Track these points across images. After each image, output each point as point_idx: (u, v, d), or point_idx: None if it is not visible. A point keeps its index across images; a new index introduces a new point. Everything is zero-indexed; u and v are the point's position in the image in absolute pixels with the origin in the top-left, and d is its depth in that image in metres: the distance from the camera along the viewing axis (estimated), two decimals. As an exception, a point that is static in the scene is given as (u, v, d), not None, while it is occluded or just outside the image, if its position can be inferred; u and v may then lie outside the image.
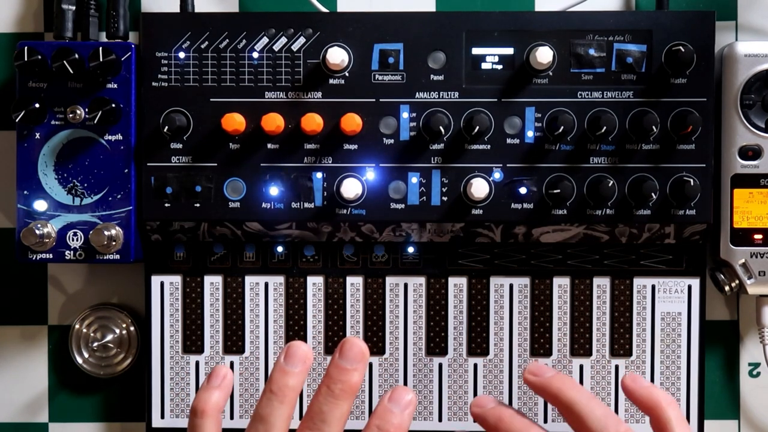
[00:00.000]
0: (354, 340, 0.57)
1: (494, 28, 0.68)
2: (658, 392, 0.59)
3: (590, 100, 0.68)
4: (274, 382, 0.56)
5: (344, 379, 0.56)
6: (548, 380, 0.60)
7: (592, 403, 0.58)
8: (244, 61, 0.69)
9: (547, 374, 0.60)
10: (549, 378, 0.60)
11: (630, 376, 0.61)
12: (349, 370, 0.56)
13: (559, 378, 0.60)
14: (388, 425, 0.56)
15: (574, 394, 0.58)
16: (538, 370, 0.61)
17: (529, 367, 0.61)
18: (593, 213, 0.69)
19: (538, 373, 0.61)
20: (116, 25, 0.71)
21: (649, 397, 0.59)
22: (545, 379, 0.60)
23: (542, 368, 0.61)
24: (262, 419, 0.56)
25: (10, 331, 0.75)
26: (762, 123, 0.69)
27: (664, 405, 0.58)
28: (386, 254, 0.71)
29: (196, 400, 0.59)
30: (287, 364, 0.57)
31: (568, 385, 0.59)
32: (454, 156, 0.69)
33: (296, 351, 0.57)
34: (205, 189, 0.69)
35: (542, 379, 0.60)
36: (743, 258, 0.69)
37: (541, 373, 0.61)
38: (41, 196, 0.70)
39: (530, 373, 0.61)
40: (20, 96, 0.69)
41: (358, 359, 0.56)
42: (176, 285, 0.72)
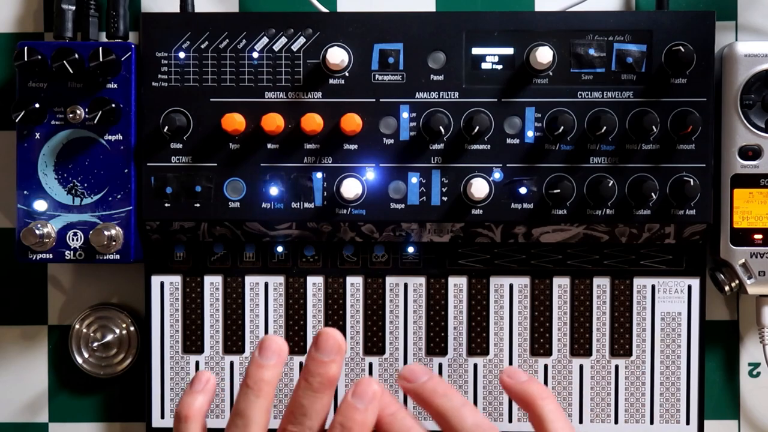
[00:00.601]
0: (329, 331, 0.56)
1: (494, 28, 0.68)
2: (533, 387, 0.58)
3: (590, 100, 0.68)
4: (250, 377, 0.56)
5: (322, 371, 0.55)
6: (420, 386, 0.57)
7: (464, 411, 0.56)
8: (244, 61, 0.69)
9: (421, 379, 0.58)
10: (421, 384, 0.57)
11: (507, 371, 0.60)
12: (326, 363, 0.55)
13: (432, 383, 0.57)
14: (351, 422, 0.55)
15: (444, 402, 0.56)
16: (412, 375, 0.58)
17: (403, 371, 0.58)
18: (593, 213, 0.69)
19: (411, 379, 0.58)
20: (116, 25, 0.71)
21: (524, 393, 0.58)
22: (417, 385, 0.57)
23: (416, 372, 0.58)
24: (240, 414, 0.56)
25: (10, 331, 0.75)
26: (762, 123, 0.69)
27: (539, 400, 0.58)
28: (386, 254, 0.71)
29: (180, 406, 0.59)
30: (262, 358, 0.57)
31: (439, 391, 0.57)
32: (454, 156, 0.69)
33: (270, 344, 0.57)
34: (205, 189, 0.69)
35: (414, 386, 0.58)
36: (743, 258, 0.69)
37: (414, 378, 0.58)
38: (41, 196, 0.70)
39: (403, 379, 0.58)
40: (20, 96, 0.69)
41: (335, 351, 0.56)
42: (176, 285, 0.72)
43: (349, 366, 0.71)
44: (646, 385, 0.71)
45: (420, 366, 0.59)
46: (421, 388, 0.57)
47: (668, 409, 0.71)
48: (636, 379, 0.71)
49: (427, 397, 0.57)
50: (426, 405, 0.57)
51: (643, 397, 0.71)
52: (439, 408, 0.56)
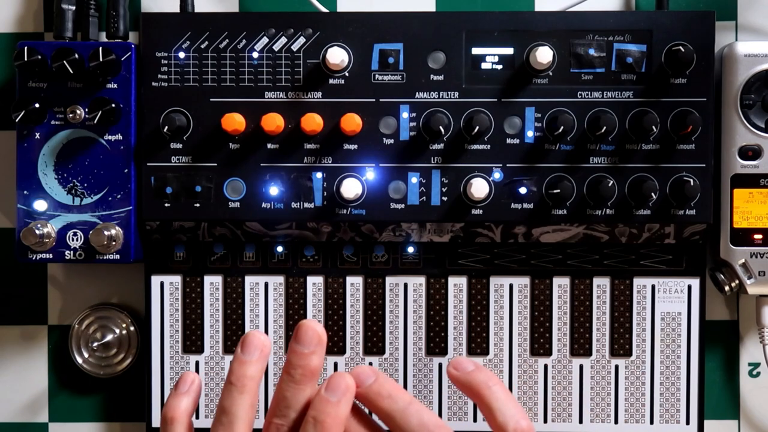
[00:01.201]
0: (309, 323, 0.56)
1: (494, 28, 0.68)
2: (478, 375, 0.58)
3: (590, 100, 0.68)
4: (233, 373, 0.56)
5: (303, 363, 0.55)
6: (365, 390, 0.57)
7: (408, 411, 0.56)
8: (244, 61, 0.69)
9: (366, 382, 0.57)
10: (366, 387, 0.57)
11: (453, 362, 0.59)
12: (307, 354, 0.56)
13: (376, 386, 0.57)
14: (324, 415, 0.54)
15: (389, 404, 0.56)
16: (357, 378, 0.57)
17: (354, 371, 0.57)
18: (593, 213, 0.69)
19: (360, 382, 0.57)
20: (116, 25, 0.71)
21: (470, 383, 0.58)
22: (362, 389, 0.57)
23: (360, 376, 0.57)
24: (225, 411, 0.56)
25: (10, 331, 0.75)
26: (762, 123, 0.69)
27: (485, 389, 0.57)
28: (386, 254, 0.71)
29: (165, 408, 0.59)
30: (244, 354, 0.57)
31: (383, 393, 0.56)
32: (454, 156, 0.69)
33: (252, 340, 0.57)
34: (205, 189, 0.69)
35: (362, 390, 0.57)
36: (743, 258, 0.69)
37: (359, 382, 0.57)
38: (41, 196, 0.70)
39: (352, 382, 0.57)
40: (20, 96, 0.69)
41: (315, 342, 0.56)
42: (176, 285, 0.72)
43: (349, 366, 0.71)
44: (646, 385, 0.71)
45: (365, 368, 0.58)
46: (366, 391, 0.57)
47: (668, 409, 0.71)
48: (636, 379, 0.71)
49: (372, 400, 0.57)
50: (372, 407, 0.57)
51: (643, 397, 0.71)
52: (385, 410, 0.56)
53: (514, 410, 0.57)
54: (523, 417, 0.56)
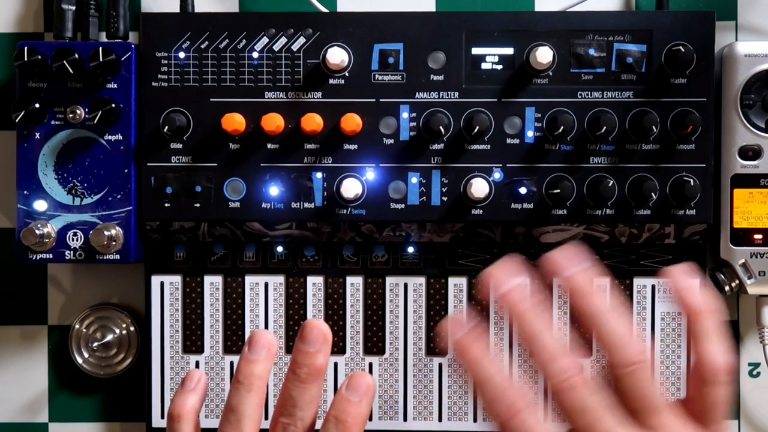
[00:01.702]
0: (314, 322, 0.56)
1: (494, 28, 0.68)
2: (698, 299, 0.53)
3: (590, 100, 0.68)
4: (240, 372, 0.57)
5: (308, 362, 0.55)
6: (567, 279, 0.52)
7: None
8: (244, 61, 0.69)
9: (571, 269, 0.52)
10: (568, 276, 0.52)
11: (675, 271, 0.53)
12: (313, 353, 0.55)
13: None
14: (345, 415, 0.54)
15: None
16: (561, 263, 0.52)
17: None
18: (593, 213, 0.69)
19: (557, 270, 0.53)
20: (116, 25, 0.71)
21: (688, 303, 0.53)
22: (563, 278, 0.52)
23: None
24: (233, 409, 0.56)
25: (10, 331, 0.75)
26: (762, 123, 0.69)
27: (702, 315, 0.53)
28: (386, 254, 0.71)
29: (172, 405, 0.59)
30: (251, 353, 0.57)
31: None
32: (454, 156, 0.69)
33: (259, 338, 0.57)
34: (205, 189, 0.69)
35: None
36: (743, 258, 0.69)
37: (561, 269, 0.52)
38: (41, 196, 0.70)
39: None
40: (20, 96, 0.69)
41: (321, 341, 0.56)
42: (176, 285, 0.72)
43: (349, 366, 0.71)
44: (646, 385, 0.71)
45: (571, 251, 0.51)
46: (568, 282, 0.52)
47: (668, 409, 0.71)
48: (636, 379, 0.71)
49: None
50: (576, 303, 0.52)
51: (643, 397, 0.71)
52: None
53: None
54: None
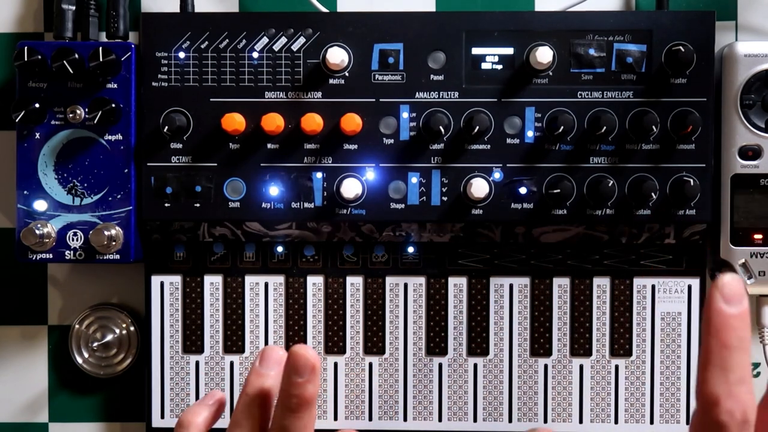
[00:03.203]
0: (301, 350, 0.54)
1: (494, 28, 0.68)
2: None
3: (590, 100, 0.68)
4: (250, 385, 0.56)
5: (298, 393, 0.54)
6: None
7: None
8: (244, 61, 0.69)
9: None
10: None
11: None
12: (301, 383, 0.54)
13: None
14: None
15: None
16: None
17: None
18: (593, 213, 0.69)
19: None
20: (116, 25, 0.71)
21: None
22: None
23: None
24: (239, 424, 0.56)
25: (10, 331, 0.75)
26: (762, 123, 0.69)
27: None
28: (386, 254, 0.71)
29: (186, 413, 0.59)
30: (262, 367, 0.57)
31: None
32: (454, 156, 0.69)
33: (271, 354, 0.57)
34: (205, 189, 0.69)
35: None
36: (743, 258, 0.69)
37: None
38: (41, 196, 0.70)
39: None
40: (20, 96, 0.69)
41: (309, 370, 0.54)
42: (176, 285, 0.72)
43: (349, 366, 0.71)
44: (646, 385, 0.71)
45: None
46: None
47: (668, 409, 0.71)
48: (636, 379, 0.71)
49: None
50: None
51: (643, 397, 0.71)
52: None
53: None
54: None
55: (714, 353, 0.45)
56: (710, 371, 0.45)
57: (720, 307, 0.46)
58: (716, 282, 0.47)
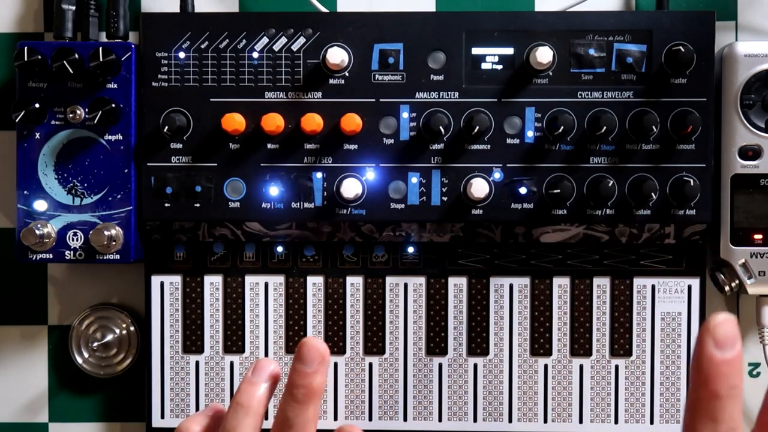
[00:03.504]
0: (311, 341, 0.55)
1: (494, 28, 0.68)
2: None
3: (590, 100, 0.68)
4: (242, 394, 0.56)
5: (305, 383, 0.54)
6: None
7: None
8: (244, 61, 0.69)
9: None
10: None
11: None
12: (310, 374, 0.54)
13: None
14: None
15: None
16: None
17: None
18: (593, 213, 0.69)
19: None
20: (116, 25, 0.71)
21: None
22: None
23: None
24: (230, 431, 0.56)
25: (10, 331, 0.75)
26: (762, 123, 0.69)
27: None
28: (386, 254, 0.71)
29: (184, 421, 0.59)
30: (254, 376, 0.57)
31: None
32: (454, 156, 0.69)
33: (264, 365, 0.57)
34: (205, 189, 0.69)
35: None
36: (743, 258, 0.69)
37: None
38: (41, 196, 0.70)
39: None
40: (20, 96, 0.69)
41: (318, 361, 0.54)
42: (176, 285, 0.72)
43: (349, 366, 0.71)
44: (646, 385, 0.71)
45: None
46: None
47: (668, 409, 0.71)
48: (636, 379, 0.71)
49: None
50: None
51: (643, 397, 0.71)
52: None
53: None
54: None
55: (703, 403, 0.43)
56: (699, 422, 0.43)
57: (711, 353, 0.42)
58: (707, 323, 0.43)
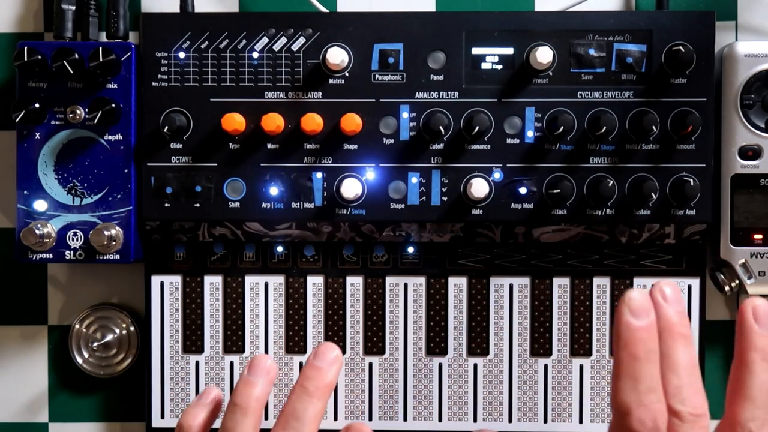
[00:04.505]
0: (330, 345, 0.56)
1: (494, 28, 0.68)
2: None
3: (590, 100, 0.68)
4: (239, 394, 0.56)
5: (318, 376, 0.55)
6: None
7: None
8: (244, 61, 0.69)
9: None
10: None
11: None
12: (324, 369, 0.55)
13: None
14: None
15: None
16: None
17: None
18: (593, 213, 0.69)
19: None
20: (116, 25, 0.71)
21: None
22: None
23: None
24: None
25: (10, 331, 0.75)
26: (762, 123, 0.69)
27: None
28: (386, 254, 0.71)
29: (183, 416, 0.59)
30: (251, 375, 0.57)
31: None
32: (454, 156, 0.69)
33: (259, 362, 0.57)
34: (205, 189, 0.69)
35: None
36: (743, 258, 0.69)
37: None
38: (41, 196, 0.70)
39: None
40: (20, 96, 0.69)
41: (333, 361, 0.56)
42: (176, 285, 0.72)
43: (349, 366, 0.71)
44: (646, 385, 0.71)
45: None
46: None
47: (668, 409, 0.71)
48: (636, 379, 0.71)
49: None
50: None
51: (643, 397, 0.71)
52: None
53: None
54: None
55: (624, 364, 0.48)
56: (621, 381, 0.48)
57: (628, 320, 0.48)
58: (623, 297, 0.49)
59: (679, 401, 0.49)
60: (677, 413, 0.49)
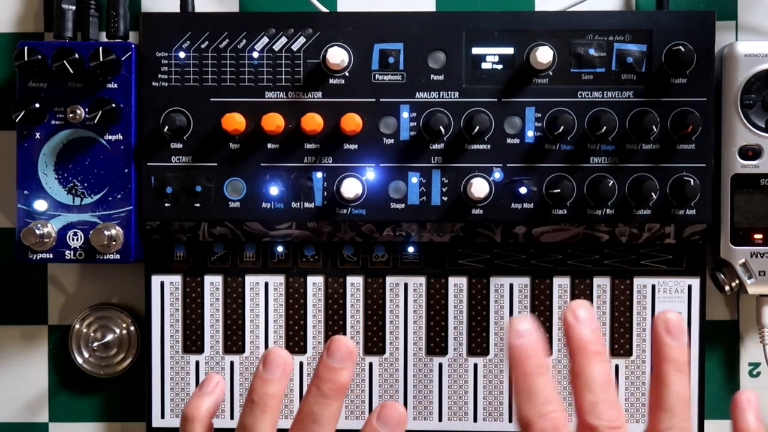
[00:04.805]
0: (341, 338, 0.56)
1: (494, 28, 0.68)
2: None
3: (590, 100, 0.68)
4: (255, 392, 0.56)
5: (333, 378, 0.55)
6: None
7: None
8: (244, 61, 0.69)
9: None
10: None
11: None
12: (338, 369, 0.55)
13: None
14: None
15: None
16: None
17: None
18: (593, 213, 0.69)
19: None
20: (116, 25, 0.71)
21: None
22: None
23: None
24: (245, 430, 0.55)
25: (10, 331, 0.75)
26: (762, 123, 0.69)
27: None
28: (386, 254, 0.71)
29: (187, 406, 0.59)
30: (266, 372, 0.56)
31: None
32: (454, 156, 0.69)
33: (274, 357, 0.57)
34: (205, 189, 0.69)
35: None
36: (743, 258, 0.69)
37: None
38: (41, 196, 0.70)
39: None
40: (20, 96, 0.69)
41: (346, 357, 0.55)
42: (176, 285, 0.72)
43: (349, 366, 0.71)
44: (646, 385, 0.71)
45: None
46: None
47: (668, 409, 0.71)
48: (636, 379, 0.71)
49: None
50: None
51: (643, 397, 0.71)
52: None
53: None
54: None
55: (519, 381, 0.52)
56: (519, 398, 0.51)
57: (513, 342, 0.52)
58: (509, 323, 0.53)
59: (596, 416, 0.51)
60: (594, 428, 0.51)
